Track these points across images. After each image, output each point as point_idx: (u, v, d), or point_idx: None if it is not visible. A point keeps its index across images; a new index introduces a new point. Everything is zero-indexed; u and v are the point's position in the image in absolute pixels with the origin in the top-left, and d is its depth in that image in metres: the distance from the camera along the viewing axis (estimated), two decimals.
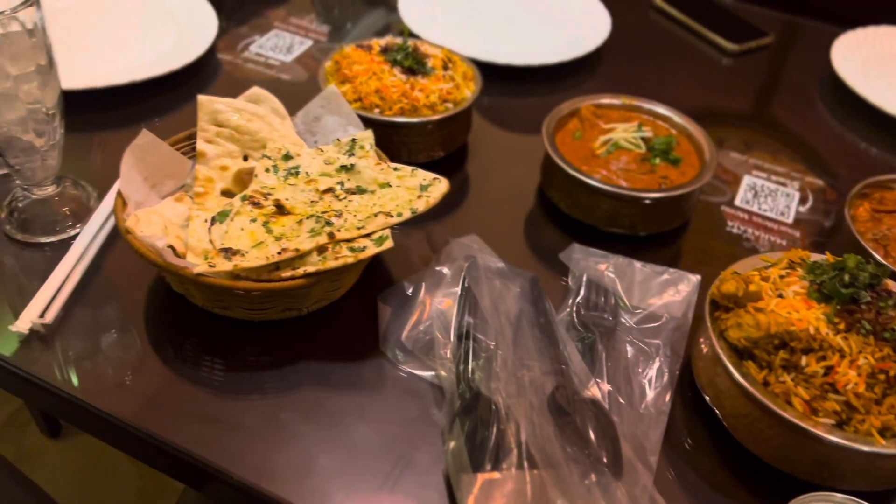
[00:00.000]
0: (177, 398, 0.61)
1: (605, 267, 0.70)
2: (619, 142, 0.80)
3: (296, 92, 0.90)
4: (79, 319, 0.66)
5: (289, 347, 0.65)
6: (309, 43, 1.07)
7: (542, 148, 0.79)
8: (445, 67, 0.84)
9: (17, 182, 0.74)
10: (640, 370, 0.64)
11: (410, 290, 0.67)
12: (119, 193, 0.64)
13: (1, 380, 0.64)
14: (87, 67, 0.91)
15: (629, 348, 0.65)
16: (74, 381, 0.62)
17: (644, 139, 0.80)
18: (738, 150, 0.96)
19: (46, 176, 0.69)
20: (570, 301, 0.68)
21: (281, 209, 0.67)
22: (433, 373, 0.63)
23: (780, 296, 0.59)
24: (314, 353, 0.65)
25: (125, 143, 0.85)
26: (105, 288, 0.69)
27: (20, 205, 0.72)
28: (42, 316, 0.63)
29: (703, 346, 0.63)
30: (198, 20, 1.02)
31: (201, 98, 0.72)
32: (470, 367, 0.58)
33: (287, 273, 0.61)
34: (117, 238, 0.73)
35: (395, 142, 0.81)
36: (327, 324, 0.67)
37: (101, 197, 0.75)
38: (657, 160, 0.79)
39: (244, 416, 0.59)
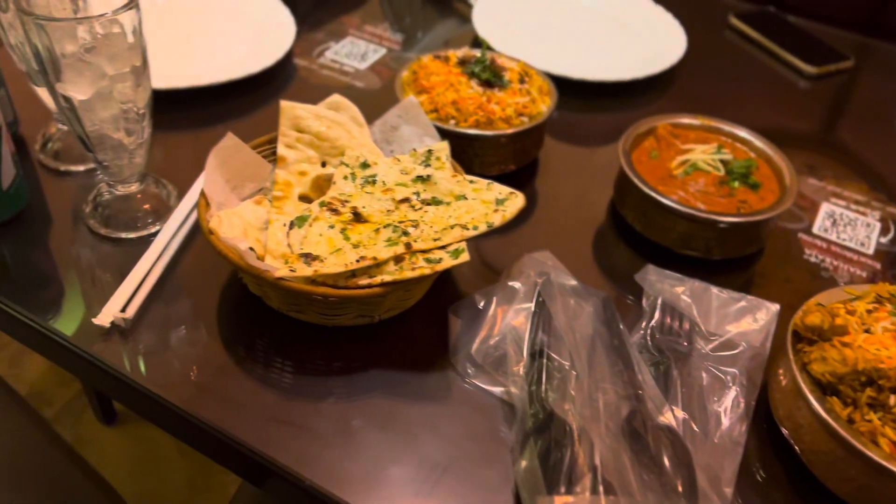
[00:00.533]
0: (248, 398, 0.61)
1: (681, 290, 0.69)
2: (697, 163, 0.78)
3: (369, 100, 0.90)
4: (155, 315, 0.67)
5: (359, 354, 0.66)
6: (383, 51, 1.08)
7: (614, 164, 0.78)
8: (522, 81, 0.84)
9: (102, 177, 0.76)
10: (715, 398, 0.62)
11: (482, 304, 0.67)
12: (203, 194, 0.66)
13: (78, 369, 0.66)
14: (169, 68, 0.93)
15: (704, 375, 0.63)
16: (149, 374, 0.63)
17: (723, 162, 0.79)
18: (816, 175, 0.93)
19: (132, 173, 0.70)
20: (644, 323, 0.67)
21: (358, 217, 0.68)
22: (503, 389, 0.62)
23: (868, 331, 0.57)
24: (384, 361, 0.65)
25: (202, 144, 0.87)
26: (181, 285, 0.70)
27: (104, 200, 0.74)
28: (123, 310, 0.64)
29: (782, 377, 0.61)
30: (276, 24, 1.04)
31: (284, 104, 0.73)
32: (543, 386, 0.57)
33: (364, 281, 0.61)
34: (194, 237, 0.74)
35: (468, 153, 0.81)
36: (397, 332, 0.68)
37: (180, 196, 0.77)
38: (736, 184, 0.77)
39: (315, 421, 0.60)
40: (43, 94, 0.77)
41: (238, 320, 0.68)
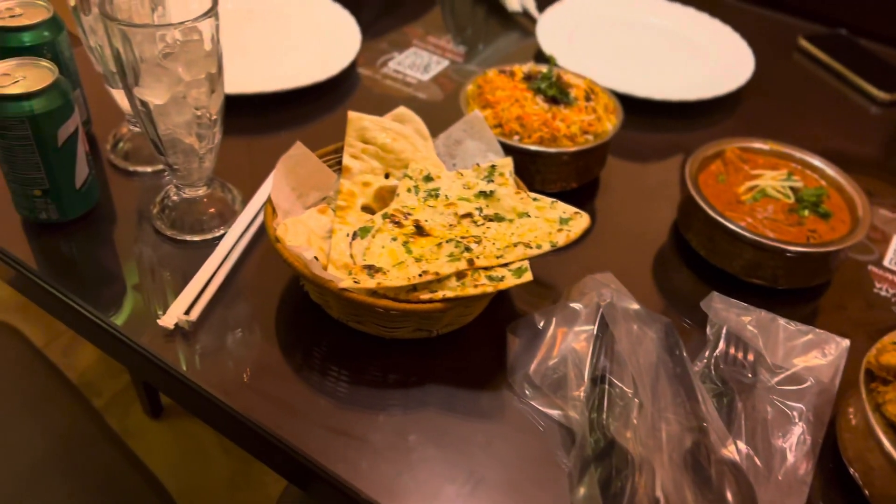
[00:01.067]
0: (304, 404, 0.62)
1: (747, 320, 0.67)
2: (766, 189, 0.77)
3: (431, 111, 0.90)
4: (216, 317, 0.68)
5: (416, 368, 0.65)
6: (445, 63, 1.08)
7: (677, 185, 0.77)
8: (588, 98, 0.83)
9: (170, 179, 0.77)
10: (780, 434, 0.60)
11: (541, 324, 0.66)
12: (269, 201, 0.66)
13: (136, 365, 0.67)
14: (236, 74, 0.94)
15: (769, 409, 0.61)
16: (205, 374, 0.63)
17: (793, 189, 0.77)
18: (887, 206, 0.90)
19: (200, 177, 0.72)
20: (708, 352, 0.66)
21: (420, 230, 0.67)
22: (561, 412, 0.61)
23: None
24: (441, 376, 0.65)
25: (266, 149, 0.88)
26: (241, 289, 0.71)
27: (171, 202, 0.75)
28: (187, 313, 0.65)
29: (852, 417, 0.59)
30: (343, 33, 1.05)
31: (351, 114, 0.74)
32: (605, 413, 0.57)
33: (425, 295, 0.61)
34: (257, 242, 0.75)
35: (530, 170, 0.80)
36: (454, 348, 0.67)
37: (244, 200, 0.78)
38: (806, 212, 0.75)
39: (370, 433, 0.60)
40: (117, 95, 0.79)
41: (296, 327, 0.68)
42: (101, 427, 0.90)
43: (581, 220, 0.67)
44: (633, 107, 0.96)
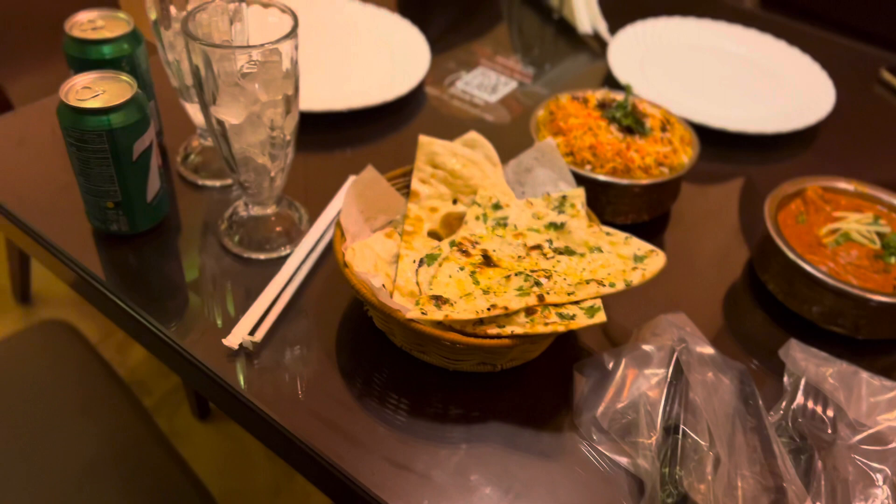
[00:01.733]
0: (364, 434, 0.60)
1: (827, 372, 0.64)
2: (850, 233, 0.73)
3: (499, 134, 0.89)
4: (278, 338, 0.67)
5: (478, 402, 0.64)
6: (514, 84, 1.06)
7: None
8: (663, 129, 0.81)
9: (237, 193, 0.77)
10: (861, 497, 0.57)
11: (610, 365, 0.64)
12: (338, 224, 0.66)
13: (194, 379, 0.66)
14: (306, 90, 0.94)
15: (851, 469, 0.58)
16: (266, 396, 0.63)
17: (879, 234, 0.73)
18: None
19: (270, 196, 0.71)
20: (785, 404, 0.63)
21: (488, 260, 0.66)
22: (629, 459, 0.59)
23: None
24: (503, 412, 0.63)
25: (331, 167, 0.88)
26: (303, 310, 0.70)
27: (239, 218, 0.75)
28: (251, 333, 0.65)
29: None
30: (412, 51, 1.04)
31: (423, 139, 0.73)
32: (678, 466, 0.54)
33: (492, 329, 0.59)
34: (321, 262, 0.74)
35: (601, 200, 0.78)
36: (518, 384, 0.66)
37: (311, 220, 0.77)
38: (893, 259, 0.71)
39: (433, 469, 0.58)
40: (190, 108, 0.79)
41: (358, 351, 0.67)
42: (150, 428, 0.91)
43: (657, 260, 0.65)
44: (705, 136, 0.93)
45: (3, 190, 0.79)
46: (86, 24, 0.74)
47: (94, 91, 0.66)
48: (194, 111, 0.79)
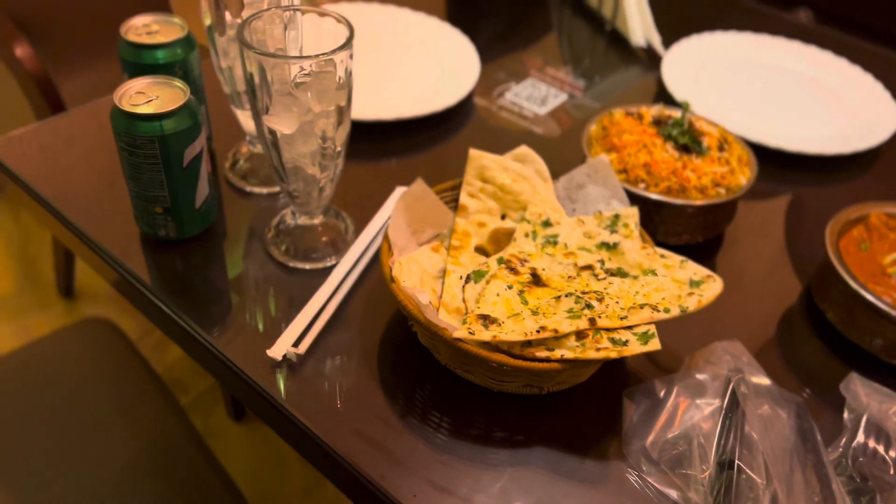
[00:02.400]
0: (404, 452, 0.59)
1: (891, 410, 0.61)
2: None
3: (548, 148, 0.87)
4: (320, 350, 0.66)
5: (523, 426, 0.62)
6: (564, 97, 1.04)
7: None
8: (721, 148, 0.78)
9: (284, 201, 0.77)
10: None
11: (662, 393, 0.62)
12: (386, 237, 0.65)
13: (236, 388, 0.66)
14: (355, 99, 0.94)
15: None
16: (307, 409, 0.62)
17: None
18: None
19: (318, 206, 0.71)
20: (845, 441, 0.60)
21: (537, 279, 0.64)
22: (680, 493, 0.57)
23: None
24: (549, 437, 0.61)
25: (378, 177, 0.87)
26: (347, 322, 0.69)
27: (286, 227, 0.74)
28: (296, 345, 0.64)
29: None
30: (461, 62, 1.03)
31: (473, 152, 0.71)
32: (732, 503, 0.52)
33: (541, 352, 0.58)
34: (366, 274, 0.73)
35: (654, 220, 0.76)
36: (565, 408, 0.64)
37: (357, 230, 0.76)
38: None
39: (476, 494, 0.57)
40: (241, 115, 0.79)
41: (401, 366, 0.66)
42: (186, 428, 0.92)
43: (714, 286, 0.62)
44: (762, 156, 0.90)
45: (51, 189, 0.79)
46: (141, 28, 0.75)
47: (147, 96, 0.66)
48: (244, 118, 0.79)
